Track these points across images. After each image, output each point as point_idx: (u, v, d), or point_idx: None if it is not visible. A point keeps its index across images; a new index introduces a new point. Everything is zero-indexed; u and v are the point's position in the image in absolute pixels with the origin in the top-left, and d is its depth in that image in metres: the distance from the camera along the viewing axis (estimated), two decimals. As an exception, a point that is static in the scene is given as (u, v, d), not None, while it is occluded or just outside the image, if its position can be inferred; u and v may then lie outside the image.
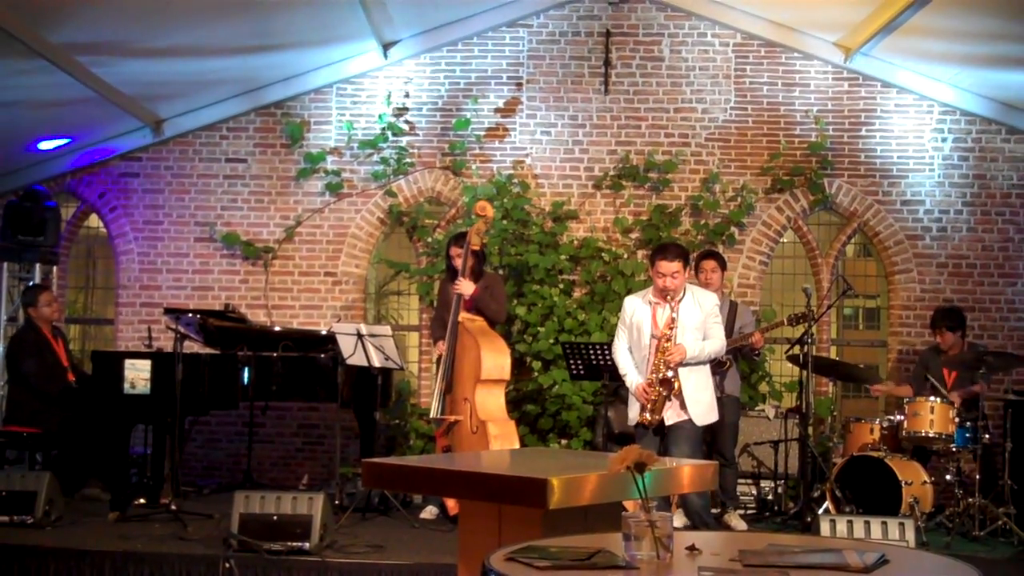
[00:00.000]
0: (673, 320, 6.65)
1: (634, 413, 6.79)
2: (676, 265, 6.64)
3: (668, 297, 6.70)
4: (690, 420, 6.74)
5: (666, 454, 6.44)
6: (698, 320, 6.75)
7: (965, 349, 8.37)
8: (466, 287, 7.56)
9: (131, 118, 9.55)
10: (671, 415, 6.73)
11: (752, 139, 9.64)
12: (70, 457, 8.20)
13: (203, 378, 8.00)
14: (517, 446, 7.45)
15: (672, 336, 6.64)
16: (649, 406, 6.65)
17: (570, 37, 9.77)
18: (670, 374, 6.62)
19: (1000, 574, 6.55)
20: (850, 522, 6.35)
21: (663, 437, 6.75)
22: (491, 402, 7.45)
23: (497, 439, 7.28)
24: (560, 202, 9.56)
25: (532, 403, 9.07)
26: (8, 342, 8.87)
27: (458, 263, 7.69)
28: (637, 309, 6.86)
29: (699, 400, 6.76)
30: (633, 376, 6.81)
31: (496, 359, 7.44)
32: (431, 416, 7.71)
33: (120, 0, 7.49)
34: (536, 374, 9.14)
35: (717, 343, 6.84)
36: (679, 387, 6.67)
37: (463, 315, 7.54)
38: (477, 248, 7.72)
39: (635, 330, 6.82)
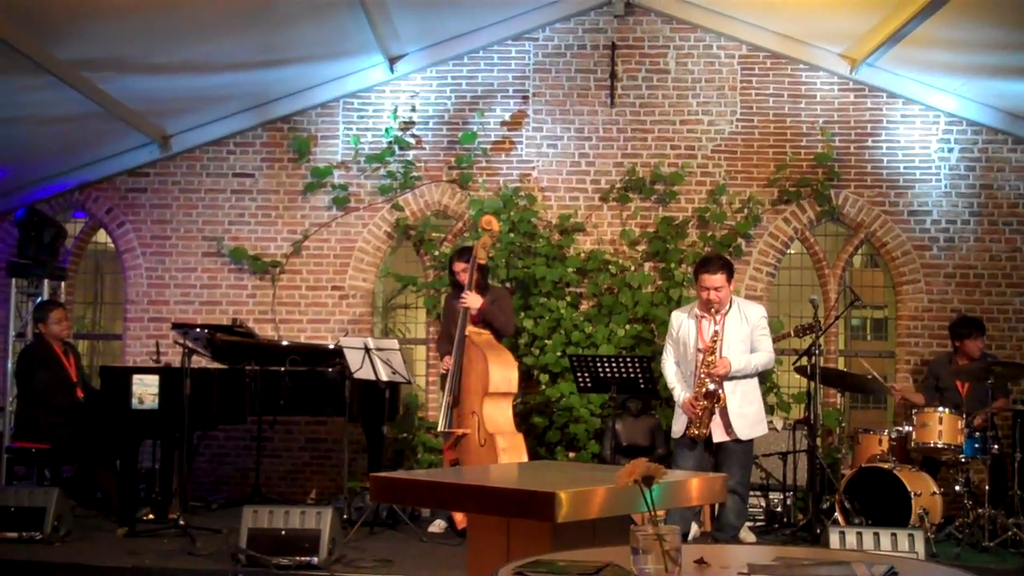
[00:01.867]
0: (716, 334, 6.67)
1: (679, 426, 6.83)
2: (720, 278, 6.69)
3: (713, 310, 6.71)
4: (739, 440, 6.77)
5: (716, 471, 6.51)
6: (744, 333, 6.79)
7: (977, 359, 8.37)
8: (473, 301, 7.57)
9: (138, 134, 9.58)
10: (718, 433, 6.75)
11: (758, 150, 9.64)
12: (87, 471, 8.24)
13: (211, 393, 8.00)
14: (525, 459, 7.45)
15: (717, 349, 6.67)
16: (696, 420, 6.68)
17: (576, 50, 9.78)
18: (713, 387, 6.64)
19: (1010, 585, 6.54)
20: (859, 534, 6.35)
21: (712, 454, 6.79)
22: (499, 415, 7.46)
23: (506, 452, 7.28)
24: (567, 215, 9.57)
25: (540, 416, 9.07)
26: (18, 357, 8.89)
27: (462, 278, 7.70)
28: (683, 323, 6.92)
29: (744, 413, 6.80)
30: (680, 390, 6.85)
31: (504, 372, 7.45)
32: (438, 430, 7.71)
33: (127, 16, 7.52)
34: (543, 387, 9.13)
35: (765, 356, 6.89)
36: (724, 401, 6.69)
37: (470, 328, 7.55)
38: (483, 262, 7.74)
39: (681, 344, 6.86)
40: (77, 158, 9.81)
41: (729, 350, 6.72)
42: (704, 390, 6.67)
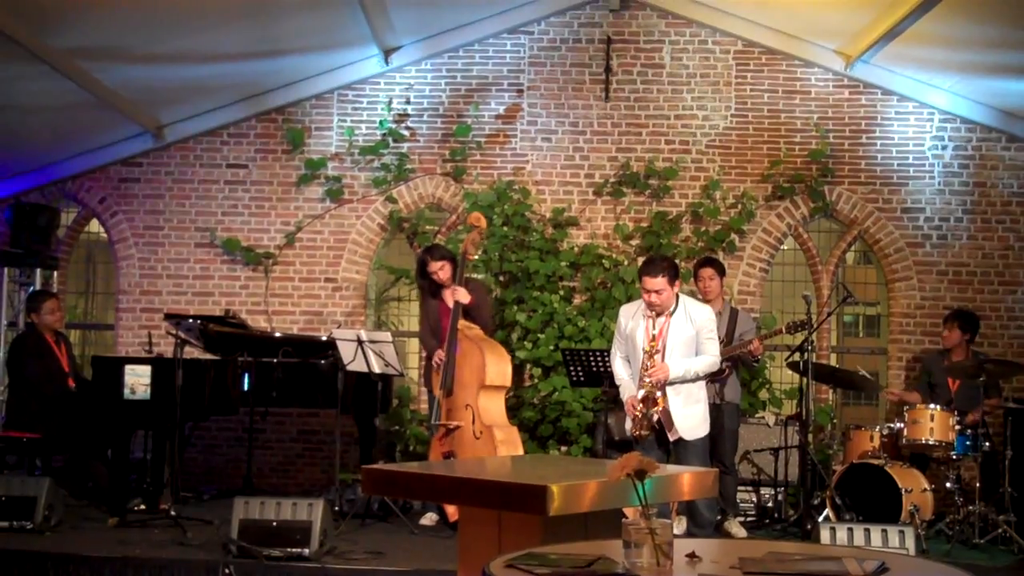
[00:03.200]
0: (654, 338, 6.53)
1: (629, 425, 6.73)
2: (660, 282, 6.44)
3: (654, 312, 6.58)
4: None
5: None
6: (688, 335, 6.57)
7: (968, 357, 8.38)
8: (463, 295, 7.57)
9: (132, 123, 9.56)
10: (669, 433, 6.67)
11: (753, 146, 9.64)
12: (78, 461, 8.24)
13: (203, 384, 8.00)
14: (521, 451, 7.47)
15: (658, 352, 6.53)
16: (636, 422, 6.58)
17: (571, 44, 9.78)
18: (651, 393, 6.49)
19: (1000, 582, 6.56)
20: (850, 530, 6.35)
21: (669, 451, 6.72)
22: (494, 408, 7.47)
23: (503, 444, 7.29)
24: (560, 208, 9.56)
25: (532, 410, 9.07)
26: (9, 346, 8.87)
27: (440, 276, 7.69)
28: (631, 319, 6.74)
29: (688, 415, 6.63)
30: (626, 388, 6.74)
31: (500, 365, 7.47)
32: (431, 422, 7.71)
33: (122, 6, 7.50)
34: (536, 381, 9.13)
35: (708, 360, 6.65)
36: (664, 406, 6.54)
37: (460, 322, 7.55)
38: (472, 258, 7.77)
39: (629, 341, 6.73)
40: (70, 147, 9.78)
41: (671, 353, 6.53)
42: (642, 395, 6.52)
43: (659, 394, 6.50)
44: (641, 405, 6.49)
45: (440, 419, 7.53)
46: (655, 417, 6.55)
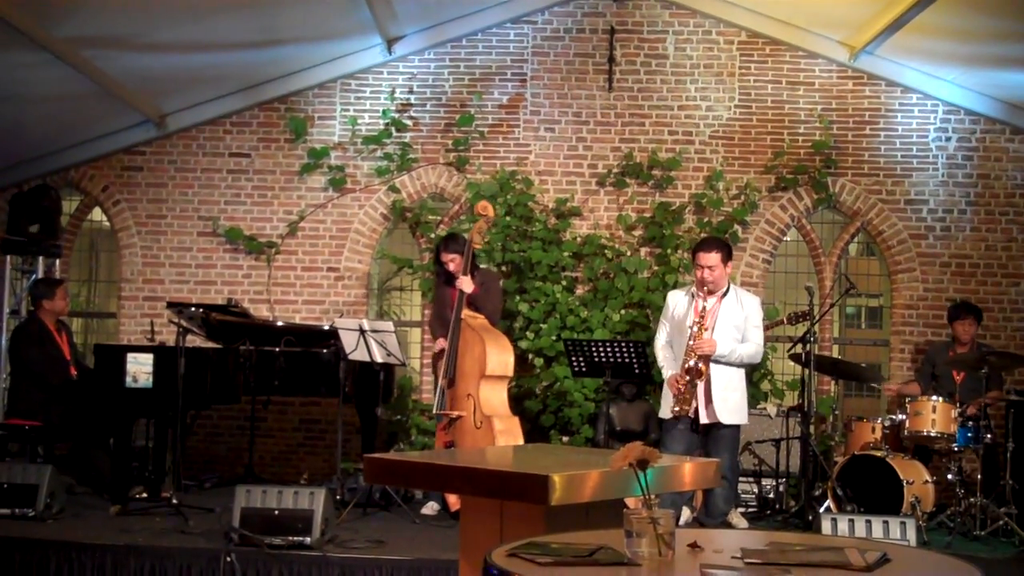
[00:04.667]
0: (705, 311, 6.71)
1: (666, 407, 6.82)
2: (714, 257, 6.77)
3: (706, 289, 6.77)
4: (725, 424, 6.77)
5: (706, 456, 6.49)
6: (738, 319, 6.84)
7: (973, 349, 8.38)
8: (467, 285, 7.56)
9: (135, 112, 9.55)
10: (705, 414, 6.76)
11: (756, 137, 9.63)
12: (81, 449, 8.25)
13: (205, 372, 7.99)
14: (521, 442, 7.46)
15: (706, 327, 6.70)
16: (678, 396, 6.69)
17: (574, 34, 9.76)
18: (695, 363, 6.65)
19: (1001, 574, 6.54)
20: (851, 521, 6.36)
21: (702, 437, 6.79)
22: (495, 398, 7.47)
23: (502, 434, 7.29)
24: (563, 199, 9.56)
25: (534, 400, 9.07)
26: (11, 334, 8.87)
27: (451, 267, 7.67)
28: (680, 302, 6.96)
29: (727, 398, 6.81)
30: (668, 367, 6.89)
31: (501, 355, 7.46)
32: (433, 412, 7.71)
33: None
34: (538, 371, 9.13)
35: (752, 347, 6.89)
36: (707, 374, 6.70)
37: (465, 311, 7.54)
38: (478, 247, 7.76)
39: (676, 323, 6.88)
40: (73, 136, 9.78)
41: (719, 332, 6.73)
42: (687, 365, 6.68)
43: (703, 366, 6.64)
44: (686, 377, 6.61)
45: (442, 408, 7.53)
46: (698, 387, 6.65)
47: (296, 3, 8.33)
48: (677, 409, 6.72)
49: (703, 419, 6.80)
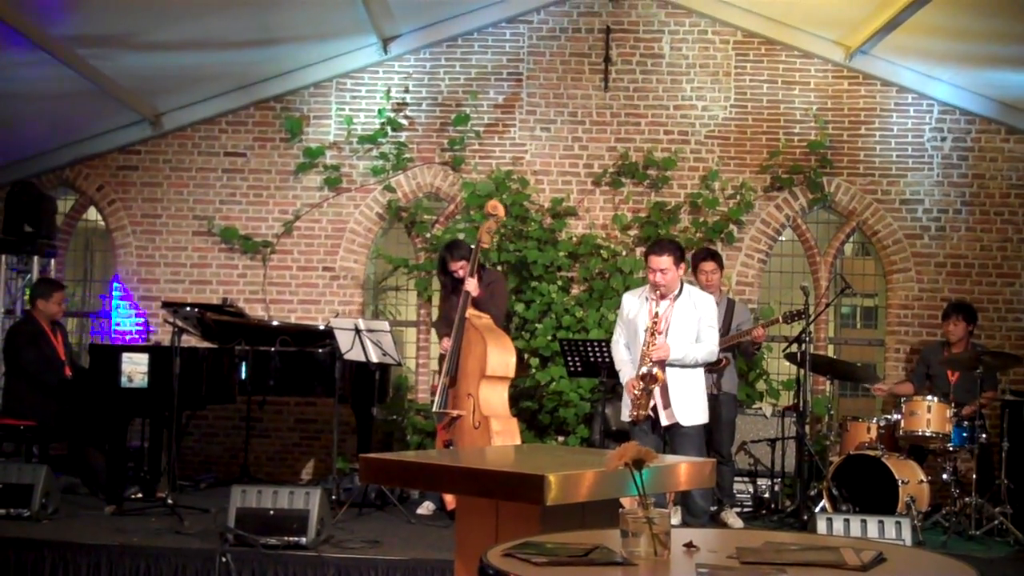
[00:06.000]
0: (657, 316, 6.61)
1: (626, 411, 6.74)
2: (666, 260, 6.60)
3: (659, 293, 6.67)
4: (686, 425, 6.68)
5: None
6: (691, 321, 6.68)
7: (967, 348, 8.38)
8: (474, 287, 7.52)
9: (130, 111, 9.54)
10: (664, 416, 6.69)
11: (752, 137, 9.64)
12: (77, 449, 8.24)
13: (200, 372, 7.99)
14: (519, 443, 7.45)
15: (660, 332, 6.60)
16: (635, 401, 6.61)
17: (570, 33, 9.76)
18: (649, 369, 6.53)
19: (996, 573, 6.54)
20: (847, 520, 6.36)
21: (665, 440, 6.72)
22: (494, 398, 7.44)
23: (499, 435, 7.27)
24: (559, 199, 9.55)
25: (529, 400, 9.07)
26: (6, 334, 8.86)
27: (461, 274, 7.60)
28: (633, 305, 6.83)
29: (684, 399, 6.68)
30: (626, 371, 6.78)
31: (502, 356, 7.41)
32: (433, 410, 7.70)
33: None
34: (534, 371, 9.13)
35: (707, 347, 6.73)
36: (663, 380, 6.59)
37: (470, 311, 7.52)
38: (487, 246, 7.71)
39: (631, 326, 6.79)
40: (68, 135, 9.77)
41: (673, 335, 6.63)
42: (642, 371, 6.57)
43: (657, 370, 6.53)
44: (641, 383, 6.53)
45: (443, 407, 7.51)
46: (654, 391, 6.57)
47: (291, 2, 8.33)
48: (635, 414, 6.64)
49: (663, 421, 6.70)
